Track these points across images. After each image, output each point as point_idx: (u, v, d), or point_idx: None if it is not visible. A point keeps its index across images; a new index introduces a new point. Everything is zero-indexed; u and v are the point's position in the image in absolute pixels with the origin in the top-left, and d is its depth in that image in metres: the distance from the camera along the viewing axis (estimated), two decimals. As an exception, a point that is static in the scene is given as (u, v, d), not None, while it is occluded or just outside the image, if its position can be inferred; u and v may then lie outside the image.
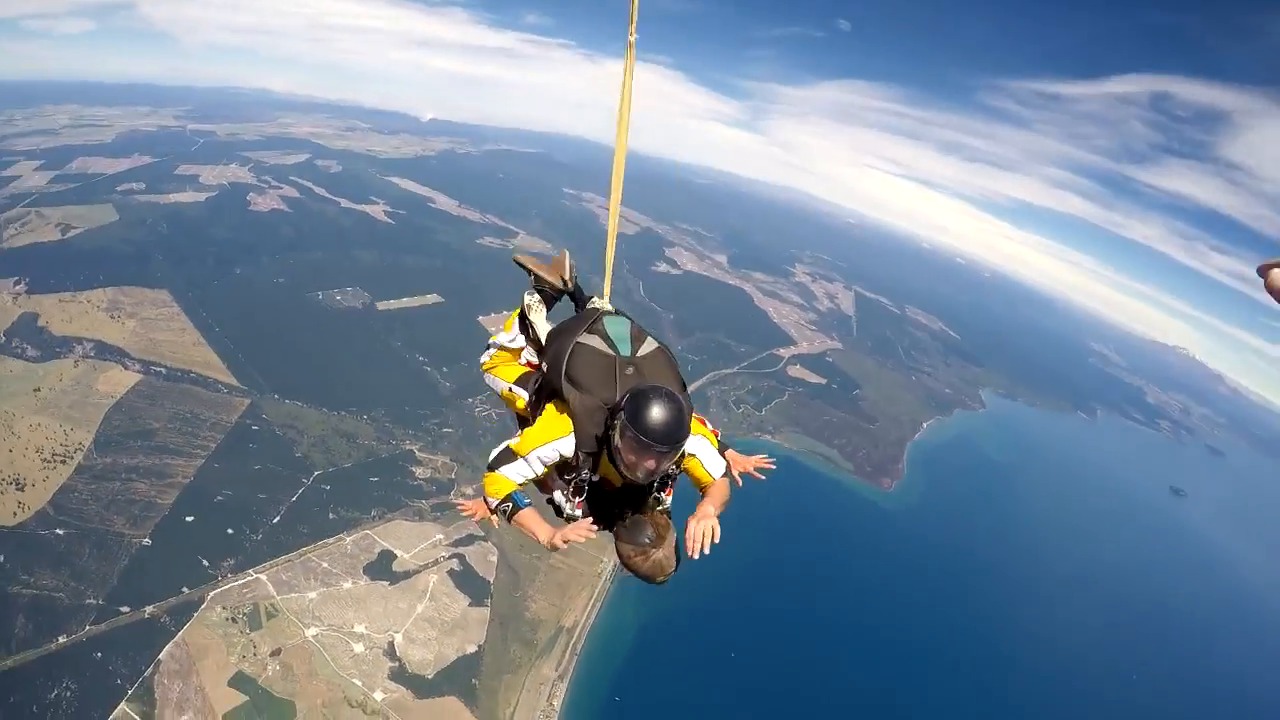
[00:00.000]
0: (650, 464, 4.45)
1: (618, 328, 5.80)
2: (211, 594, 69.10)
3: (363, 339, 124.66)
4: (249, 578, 71.67)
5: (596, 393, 4.91)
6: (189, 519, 77.83)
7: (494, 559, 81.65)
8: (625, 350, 5.53)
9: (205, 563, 72.25)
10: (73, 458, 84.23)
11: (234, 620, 66.91)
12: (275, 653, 65.98)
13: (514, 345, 6.82)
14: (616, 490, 5.10)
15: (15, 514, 74.77)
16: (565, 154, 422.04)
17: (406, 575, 76.90)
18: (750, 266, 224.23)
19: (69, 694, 57.75)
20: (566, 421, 4.93)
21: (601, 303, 6.53)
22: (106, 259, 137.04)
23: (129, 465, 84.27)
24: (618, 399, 4.63)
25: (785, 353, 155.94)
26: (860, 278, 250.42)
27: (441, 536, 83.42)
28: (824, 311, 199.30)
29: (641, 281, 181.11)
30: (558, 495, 5.30)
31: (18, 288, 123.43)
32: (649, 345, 5.82)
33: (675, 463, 4.91)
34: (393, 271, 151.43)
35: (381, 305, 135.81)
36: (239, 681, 61.51)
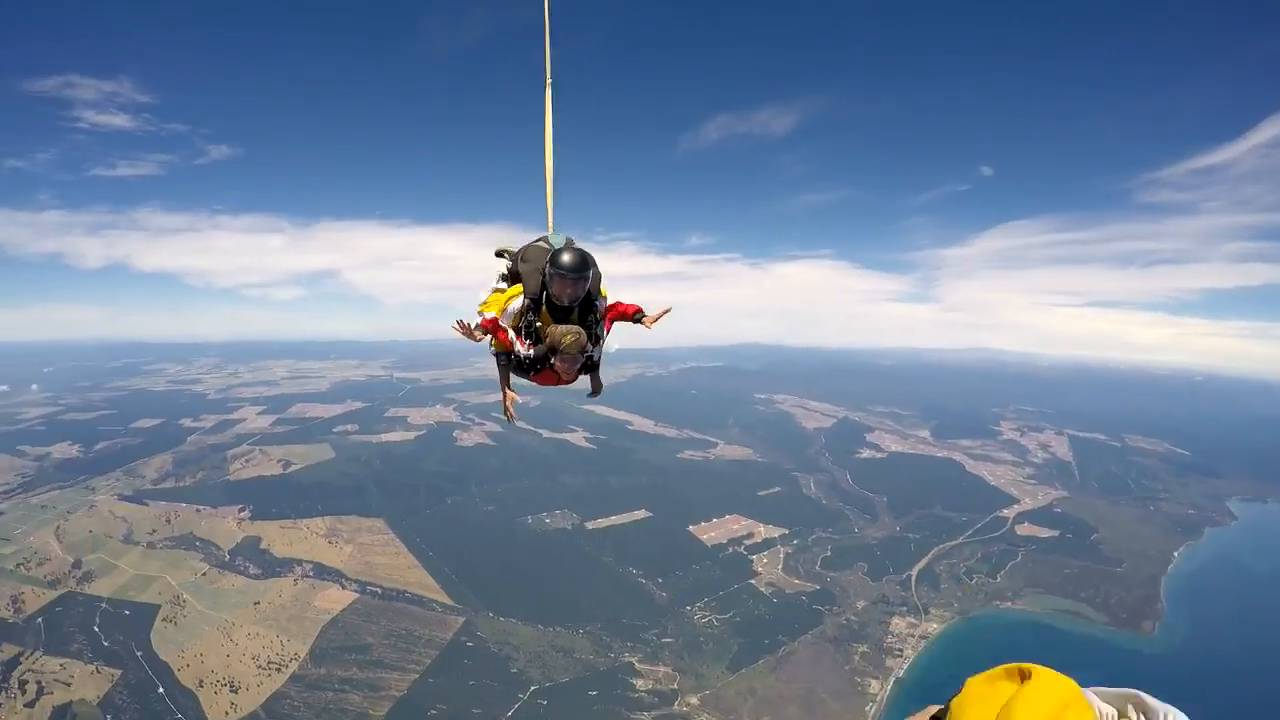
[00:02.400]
0: (569, 289, 8.72)
1: (557, 239, 9.55)
2: None
3: (574, 557, 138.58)
4: (461, 793, 79.13)
5: (536, 264, 9.20)
6: None
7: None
8: (559, 244, 9.27)
9: None
10: (288, 667, 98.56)
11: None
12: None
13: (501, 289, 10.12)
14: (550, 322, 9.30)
15: (227, 714, 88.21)
16: (749, 361, 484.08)
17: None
18: (955, 435, 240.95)
19: None
20: (518, 288, 9.32)
21: (551, 235, 9.88)
22: (325, 491, 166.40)
23: (343, 677, 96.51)
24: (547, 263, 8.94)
25: (1009, 513, 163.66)
26: (1069, 420, 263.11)
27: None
28: (1040, 463, 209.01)
29: (848, 471, 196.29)
30: (516, 346, 9.15)
31: (242, 514, 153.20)
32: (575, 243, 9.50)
33: (588, 293, 9.05)
34: (599, 492, 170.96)
35: (590, 524, 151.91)
36: None
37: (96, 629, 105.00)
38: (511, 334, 9.05)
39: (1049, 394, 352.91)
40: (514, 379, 9.90)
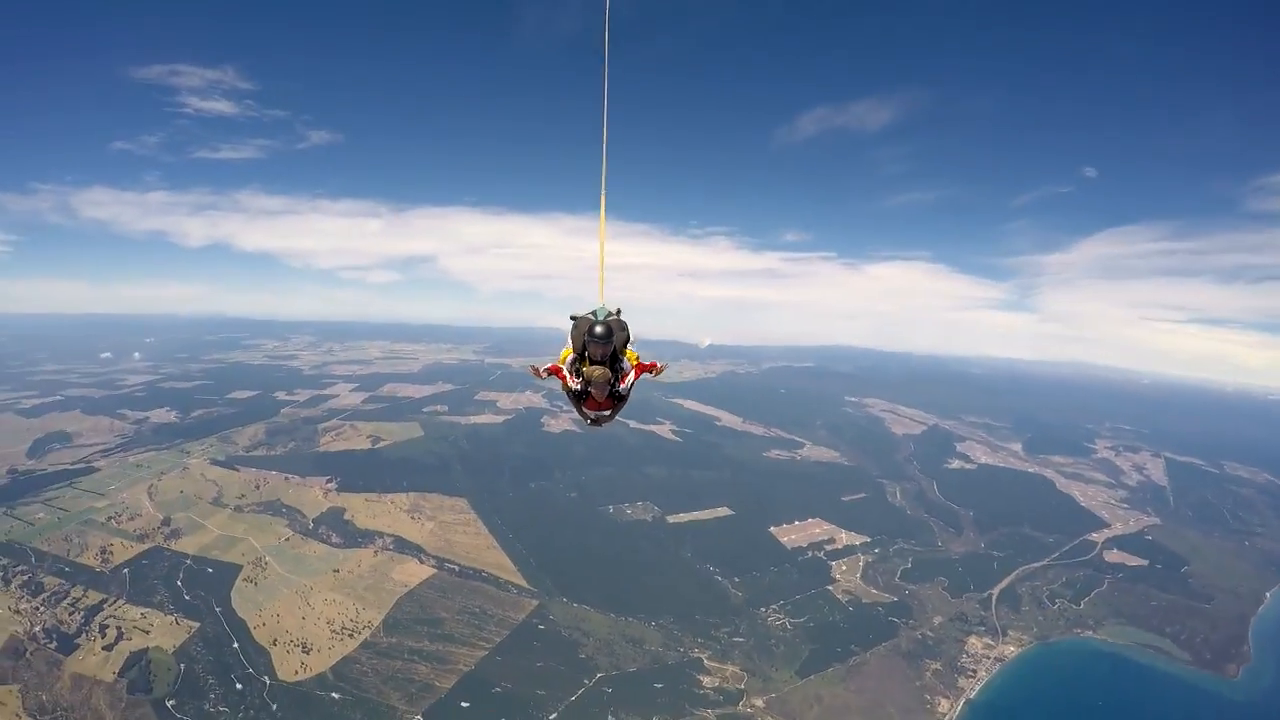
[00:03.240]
0: (598, 350, 11.38)
1: (600, 312, 12.29)
2: None
3: (652, 549, 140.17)
4: (519, 768, 79.66)
5: (580, 330, 11.78)
6: (464, 704, 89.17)
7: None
8: (600, 315, 12.13)
9: None
10: (360, 633, 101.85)
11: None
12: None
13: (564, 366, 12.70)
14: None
15: (297, 673, 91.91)
16: (841, 364, 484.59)
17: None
18: (1047, 450, 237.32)
19: None
20: (569, 350, 12.06)
21: (599, 308, 12.53)
22: (411, 468, 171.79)
23: (413, 648, 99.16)
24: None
25: (1099, 537, 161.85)
26: (1167, 442, 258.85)
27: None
28: (1134, 486, 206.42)
29: (935, 481, 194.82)
30: (570, 381, 12.12)
31: (329, 485, 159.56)
32: (615, 317, 12.37)
33: (613, 354, 11.71)
34: (682, 486, 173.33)
35: (672, 518, 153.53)
36: None
37: (179, 583, 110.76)
38: (567, 374, 12.31)
39: (1147, 413, 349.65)
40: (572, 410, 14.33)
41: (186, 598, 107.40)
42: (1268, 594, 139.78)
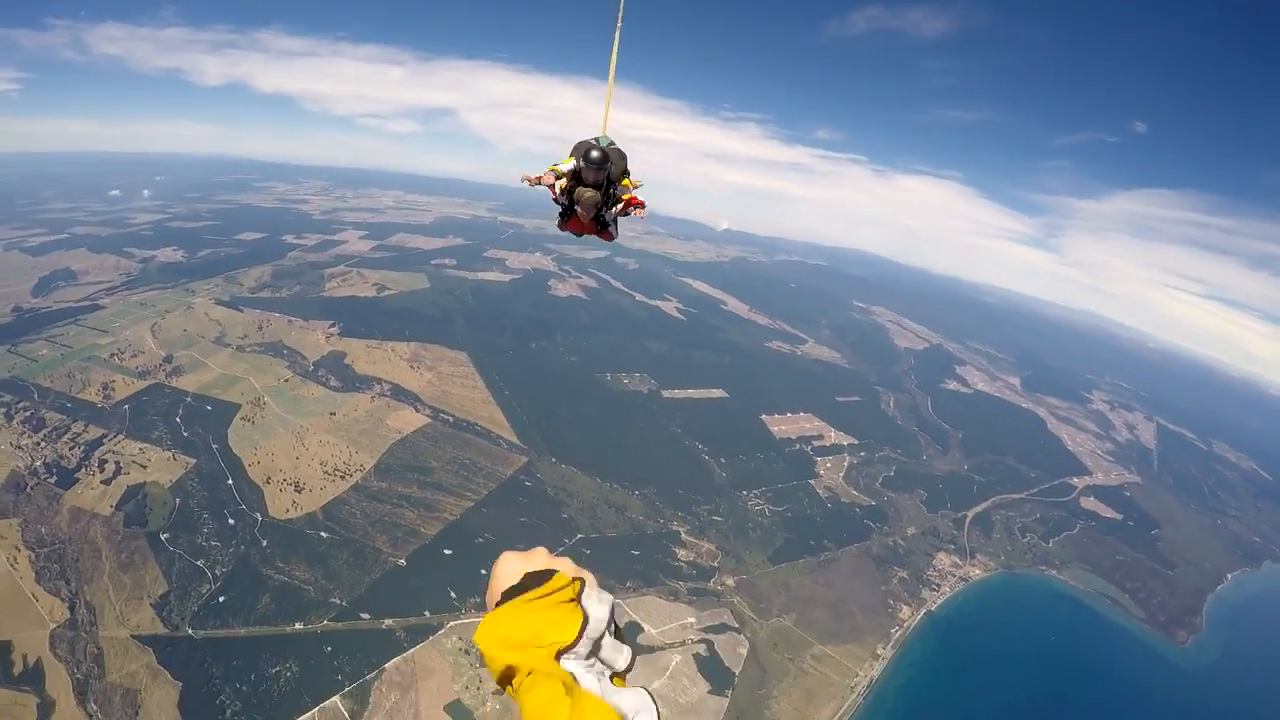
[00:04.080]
0: (591, 174, 11.96)
1: (604, 139, 12.69)
2: (452, 623, 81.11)
3: (645, 421, 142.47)
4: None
5: (578, 153, 12.15)
6: (447, 552, 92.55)
7: (744, 651, 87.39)
8: (602, 141, 12.55)
9: (453, 594, 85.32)
10: (351, 476, 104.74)
11: (467, 652, 77.51)
12: (498, 691, 71.94)
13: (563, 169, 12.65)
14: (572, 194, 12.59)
15: (288, 511, 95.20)
16: (856, 268, 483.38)
17: (650, 650, 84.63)
18: (1044, 390, 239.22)
19: (289, 674, 71.47)
20: (569, 161, 12.29)
21: (601, 136, 12.87)
22: (414, 318, 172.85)
23: (402, 493, 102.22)
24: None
25: (1079, 483, 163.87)
26: (1163, 408, 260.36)
27: (694, 620, 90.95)
28: (1123, 442, 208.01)
29: (930, 398, 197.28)
30: (556, 196, 12.38)
31: (331, 329, 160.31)
32: (614, 146, 12.66)
33: (607, 179, 12.26)
34: (681, 363, 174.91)
35: (667, 393, 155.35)
36: (455, 710, 71.31)
37: (178, 420, 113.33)
38: (557, 187, 12.43)
39: (1149, 377, 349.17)
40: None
41: (184, 434, 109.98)
42: (1229, 575, 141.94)
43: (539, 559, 3.60)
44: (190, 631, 74.45)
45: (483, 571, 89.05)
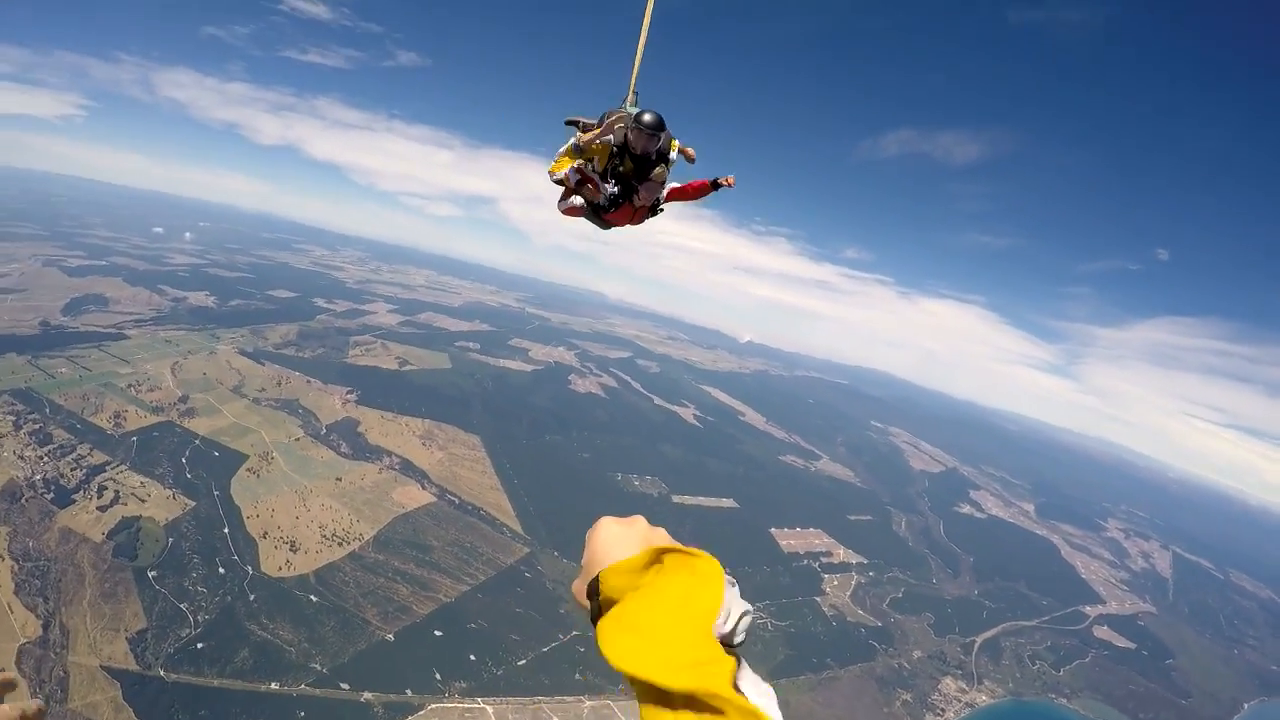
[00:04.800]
0: (645, 142, 9.96)
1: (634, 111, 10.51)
2: (433, 705, 77.73)
3: (652, 523, 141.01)
4: (475, 705, 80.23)
5: (622, 121, 10.20)
6: (437, 633, 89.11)
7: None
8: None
9: (438, 676, 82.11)
10: (349, 544, 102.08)
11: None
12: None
13: (589, 140, 10.67)
14: (632, 174, 10.51)
15: (280, 569, 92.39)
16: (875, 388, 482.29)
17: (641, 767, 79.81)
18: (1059, 517, 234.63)
19: (257, 732, 68.06)
20: (593, 133, 10.36)
21: (628, 108, 10.80)
22: (432, 396, 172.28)
23: (398, 568, 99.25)
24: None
25: (1092, 611, 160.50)
26: (1179, 537, 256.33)
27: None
28: (1138, 571, 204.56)
29: (942, 521, 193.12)
30: (604, 188, 10.44)
31: (349, 396, 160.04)
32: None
33: (660, 151, 10.25)
34: (694, 470, 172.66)
35: (677, 498, 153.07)
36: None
37: (184, 460, 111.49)
38: (599, 180, 10.51)
39: (1166, 505, 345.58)
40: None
41: (188, 476, 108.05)
42: (1246, 705, 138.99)
43: (639, 532, 2.64)
44: (162, 673, 71.20)
45: (471, 657, 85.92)
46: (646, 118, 9.96)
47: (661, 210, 11.16)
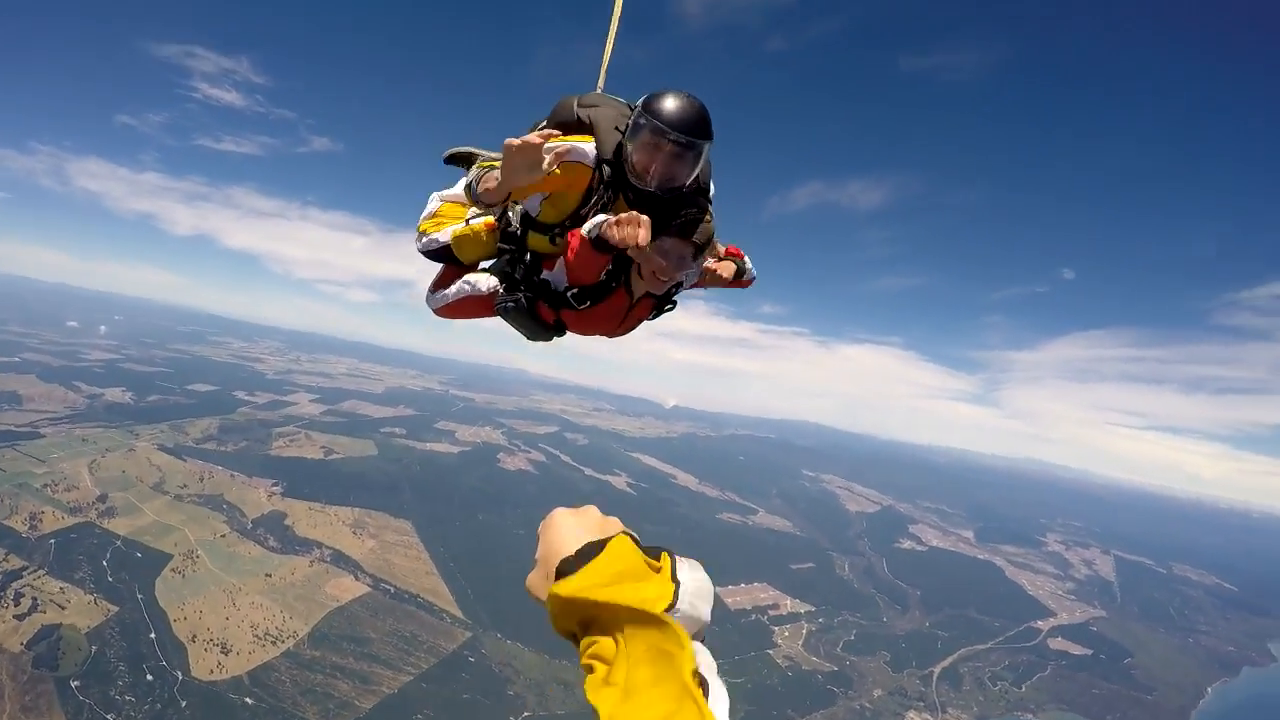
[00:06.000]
0: (666, 164, 4.69)
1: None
2: None
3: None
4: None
5: (612, 119, 5.12)
6: None
7: None
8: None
9: None
10: (284, 642, 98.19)
11: None
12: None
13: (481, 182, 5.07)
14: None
15: (212, 672, 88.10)
16: (803, 439, 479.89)
17: None
18: (999, 539, 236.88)
19: None
20: (585, 136, 5.18)
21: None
22: (360, 484, 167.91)
23: (336, 663, 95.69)
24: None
25: (1044, 625, 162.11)
26: (1118, 541, 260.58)
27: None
28: (1082, 579, 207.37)
29: (885, 559, 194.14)
30: (575, 249, 5.07)
31: (275, 488, 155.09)
32: None
33: (699, 182, 5.13)
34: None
35: None
36: None
37: (105, 563, 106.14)
38: (528, 213, 5.42)
39: (1100, 512, 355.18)
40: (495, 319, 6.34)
41: (110, 579, 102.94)
42: (1210, 688, 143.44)
43: (593, 519, 2.32)
44: (89, 793, 66.65)
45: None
46: (671, 104, 4.64)
47: (671, 306, 5.89)
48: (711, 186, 5.52)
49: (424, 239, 5.99)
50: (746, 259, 6.20)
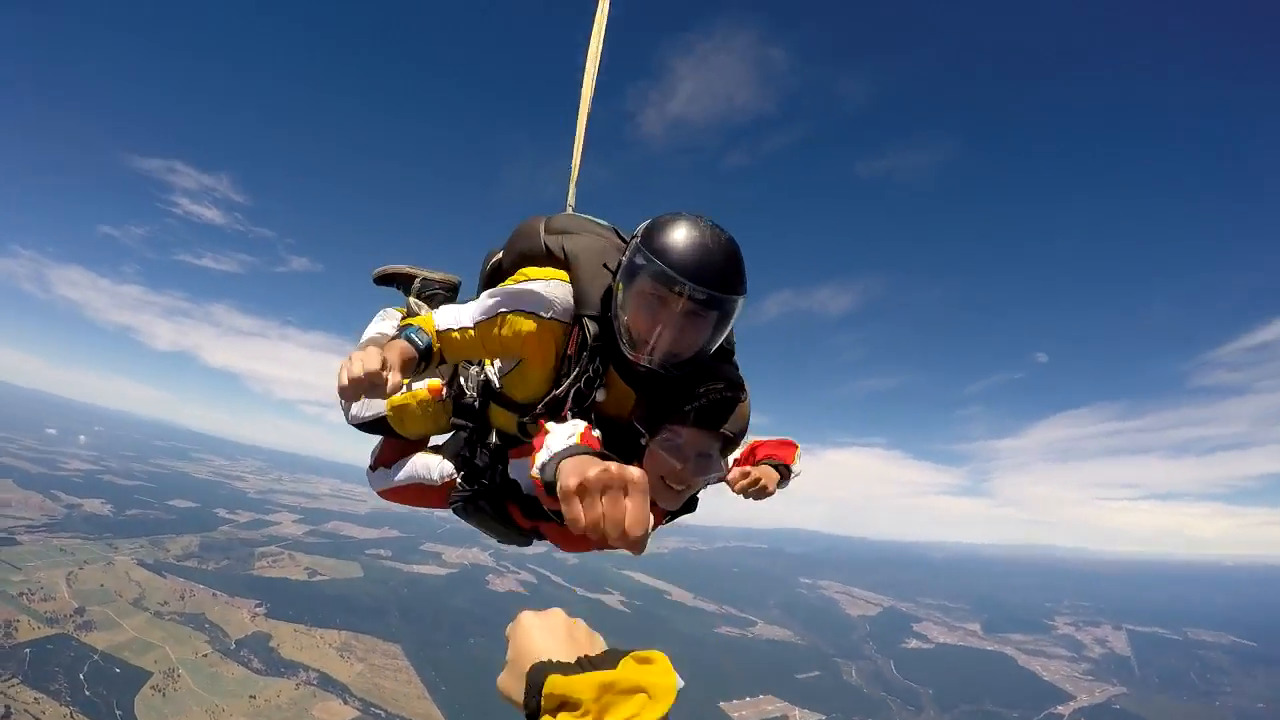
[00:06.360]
0: (677, 329, 3.05)
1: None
2: None
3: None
4: None
5: (598, 254, 3.46)
6: None
7: None
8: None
9: None
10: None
11: None
12: None
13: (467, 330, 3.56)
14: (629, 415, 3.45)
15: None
16: (796, 546, 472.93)
17: None
18: (1007, 629, 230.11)
19: None
20: (547, 272, 3.49)
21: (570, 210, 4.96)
22: (346, 606, 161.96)
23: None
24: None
25: (1065, 709, 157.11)
26: (1128, 614, 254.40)
27: None
28: (1097, 658, 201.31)
29: (892, 660, 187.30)
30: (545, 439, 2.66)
31: (258, 609, 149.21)
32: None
33: (724, 351, 3.78)
34: None
35: None
36: None
37: (82, 677, 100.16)
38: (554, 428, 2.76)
39: (1106, 589, 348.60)
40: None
41: (87, 693, 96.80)
42: None
43: (558, 621, 2.59)
44: None
45: None
46: (685, 239, 2.96)
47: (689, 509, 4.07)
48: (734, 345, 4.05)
49: (351, 410, 4.50)
50: (797, 455, 4.34)
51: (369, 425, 4.43)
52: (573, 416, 3.25)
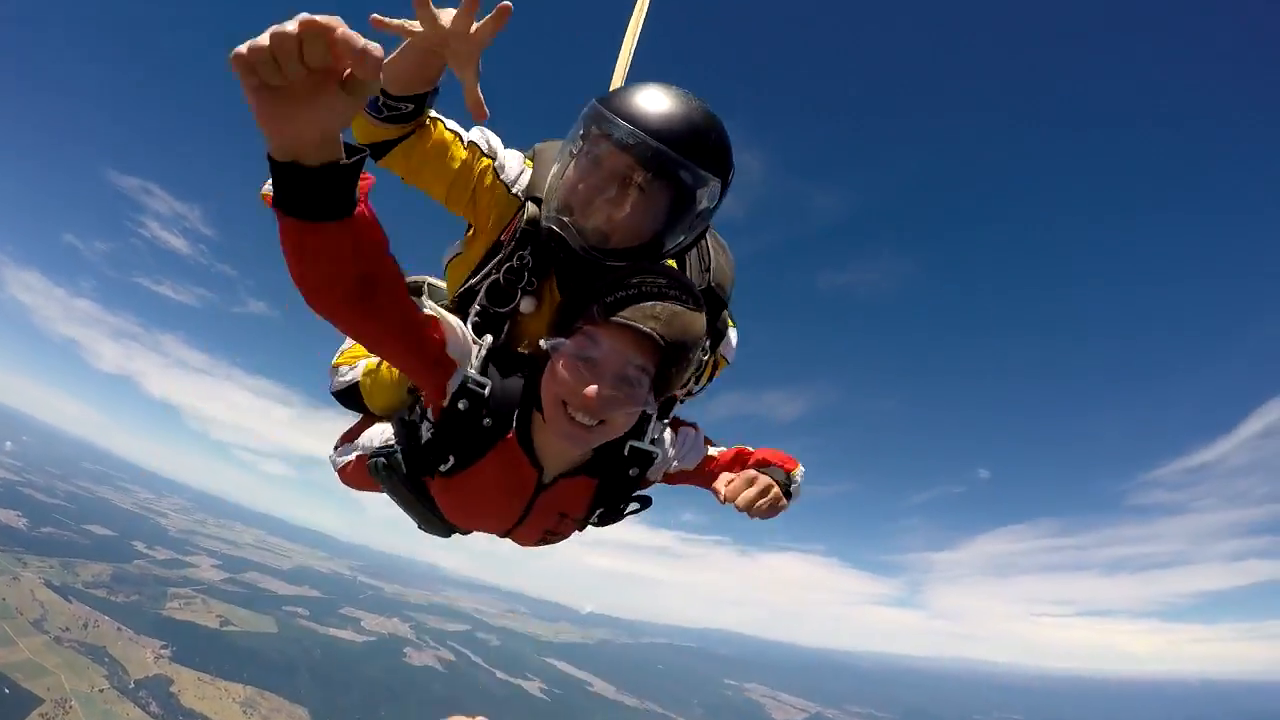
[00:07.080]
0: (615, 198, 2.37)
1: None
2: None
3: None
4: None
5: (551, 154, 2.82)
6: None
7: None
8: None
9: None
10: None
11: None
12: None
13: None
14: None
15: None
16: (724, 647, 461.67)
17: None
18: None
19: None
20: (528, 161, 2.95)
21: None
22: (255, 661, 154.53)
23: None
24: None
25: None
26: None
27: None
28: None
29: None
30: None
31: (163, 651, 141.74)
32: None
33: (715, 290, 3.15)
34: None
35: None
36: None
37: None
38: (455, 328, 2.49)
39: (1036, 703, 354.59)
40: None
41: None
42: None
43: None
44: None
45: None
46: (649, 98, 2.30)
47: (635, 506, 3.16)
48: (729, 330, 3.60)
49: (336, 376, 3.95)
50: (798, 472, 3.44)
51: (346, 396, 3.79)
52: (489, 330, 2.68)
